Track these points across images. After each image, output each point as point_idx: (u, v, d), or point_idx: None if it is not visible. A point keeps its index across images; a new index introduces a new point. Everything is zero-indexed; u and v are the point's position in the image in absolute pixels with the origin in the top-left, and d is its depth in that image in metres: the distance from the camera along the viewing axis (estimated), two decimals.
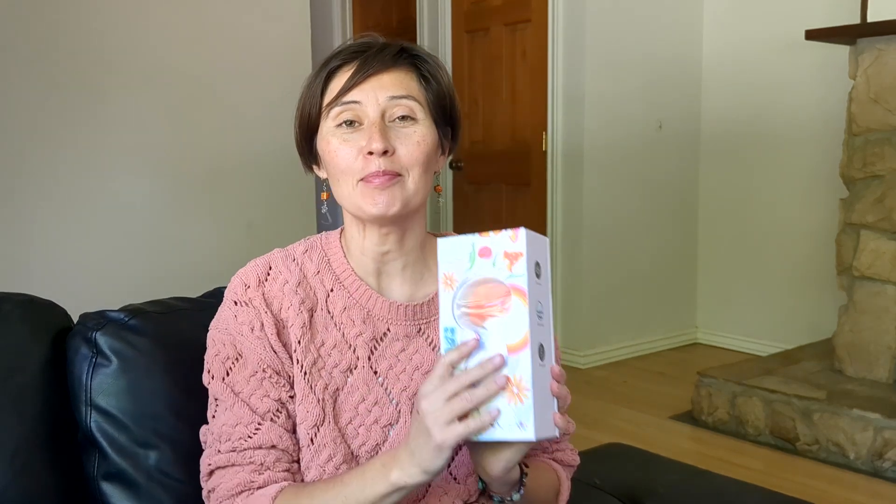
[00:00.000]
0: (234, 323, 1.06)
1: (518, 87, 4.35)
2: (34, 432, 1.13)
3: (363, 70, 1.02)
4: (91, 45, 3.27)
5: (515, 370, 0.85)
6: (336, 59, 1.05)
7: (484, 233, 0.89)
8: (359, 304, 1.08)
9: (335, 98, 1.03)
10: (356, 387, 1.06)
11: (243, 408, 1.04)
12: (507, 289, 0.87)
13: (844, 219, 3.26)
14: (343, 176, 1.04)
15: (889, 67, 3.08)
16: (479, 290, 0.88)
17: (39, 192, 3.19)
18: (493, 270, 0.87)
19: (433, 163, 1.06)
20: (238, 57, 3.61)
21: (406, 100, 1.03)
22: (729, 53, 4.28)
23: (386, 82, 1.03)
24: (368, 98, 1.02)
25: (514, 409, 0.85)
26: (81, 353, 1.17)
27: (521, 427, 0.85)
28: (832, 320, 3.46)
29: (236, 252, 2.98)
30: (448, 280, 0.90)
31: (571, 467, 1.19)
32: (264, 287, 1.07)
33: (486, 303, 0.88)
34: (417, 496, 1.06)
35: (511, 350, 0.86)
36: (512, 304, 0.86)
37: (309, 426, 1.04)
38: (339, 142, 1.03)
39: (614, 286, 4.24)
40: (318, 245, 1.12)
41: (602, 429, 3.19)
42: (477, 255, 0.89)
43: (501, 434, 0.85)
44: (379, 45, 1.05)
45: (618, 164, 4.17)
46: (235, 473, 1.03)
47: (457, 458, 1.08)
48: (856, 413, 2.90)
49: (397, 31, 5.14)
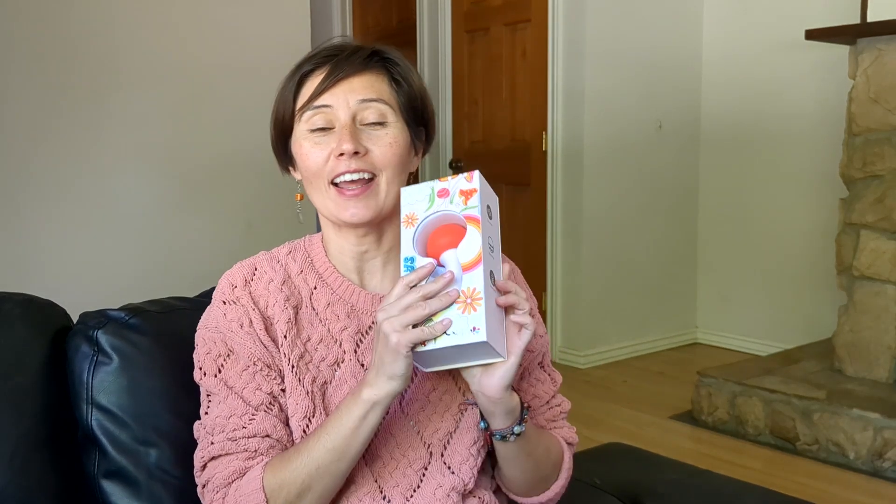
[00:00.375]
0: (224, 321, 1.08)
1: (518, 87, 4.35)
2: (34, 431, 1.13)
3: (334, 74, 1.04)
4: (90, 45, 3.27)
5: (470, 284, 0.93)
6: (308, 63, 1.07)
7: (442, 178, 0.98)
8: (342, 300, 1.10)
9: (307, 102, 1.05)
10: (344, 380, 1.08)
11: (237, 400, 1.05)
12: (461, 220, 0.96)
13: (844, 218, 3.26)
14: (315, 178, 1.06)
15: (889, 67, 3.08)
16: (438, 226, 0.96)
17: (39, 191, 3.20)
18: (449, 207, 0.97)
19: (406, 164, 1.09)
20: (238, 57, 3.62)
21: (377, 103, 1.05)
22: (729, 53, 4.28)
23: (356, 86, 1.04)
24: (339, 102, 1.04)
25: (467, 318, 0.92)
26: (82, 352, 1.18)
27: (475, 332, 0.91)
28: (832, 320, 3.46)
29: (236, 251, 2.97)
30: (409, 219, 0.97)
31: (571, 445, 1.21)
32: (250, 286, 1.10)
33: (443, 237, 0.96)
34: (412, 485, 1.07)
35: (465, 268, 0.94)
36: (467, 231, 0.95)
37: (300, 418, 1.06)
38: (310, 145, 1.06)
39: (614, 285, 4.24)
40: (301, 247, 1.15)
41: (602, 428, 3.19)
42: (436, 196, 0.97)
43: (456, 340, 0.91)
44: (350, 49, 1.07)
45: (618, 164, 4.17)
46: (229, 462, 1.04)
47: (449, 447, 1.08)
48: (856, 413, 2.90)
49: (397, 31, 5.14)
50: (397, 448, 1.08)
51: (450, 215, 0.97)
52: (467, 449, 1.09)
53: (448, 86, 4.67)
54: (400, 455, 1.07)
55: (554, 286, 4.25)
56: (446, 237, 0.96)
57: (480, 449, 1.10)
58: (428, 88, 1.14)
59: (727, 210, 4.39)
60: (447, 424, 1.09)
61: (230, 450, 1.04)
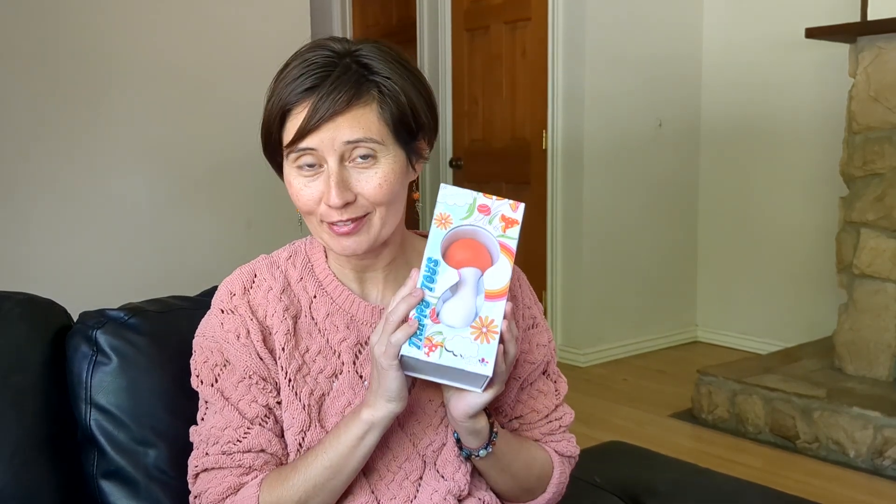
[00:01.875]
0: (221, 331, 1.07)
1: (518, 86, 4.35)
2: (34, 431, 1.13)
3: (315, 116, 0.97)
4: (90, 44, 3.27)
5: (489, 313, 0.94)
6: (291, 94, 0.99)
7: (487, 194, 0.97)
8: (342, 310, 1.09)
9: (291, 143, 0.99)
10: (342, 391, 1.07)
11: (232, 412, 1.05)
12: (496, 244, 0.96)
13: (844, 217, 3.26)
14: (307, 215, 1.04)
15: (889, 66, 3.08)
16: (465, 238, 0.96)
17: (39, 190, 3.20)
18: (488, 226, 0.96)
19: (402, 191, 1.04)
20: (238, 55, 3.61)
21: (364, 143, 0.98)
22: (729, 51, 4.28)
23: (342, 125, 0.97)
24: (324, 145, 0.98)
25: (478, 346, 0.92)
26: (81, 352, 1.18)
27: (483, 364, 0.92)
28: (832, 318, 3.45)
29: (236, 250, 2.98)
30: (443, 219, 0.96)
31: (570, 458, 1.19)
32: (249, 295, 1.08)
33: (465, 251, 0.96)
34: (409, 496, 1.07)
35: (489, 296, 0.94)
36: (499, 260, 0.96)
37: (295, 432, 1.05)
38: (300, 185, 1.01)
39: (614, 284, 4.24)
40: (302, 251, 1.13)
41: (602, 427, 3.19)
42: (476, 209, 0.97)
43: (462, 364, 0.92)
44: (332, 78, 0.98)
45: (618, 163, 4.17)
46: (224, 478, 1.04)
47: (440, 457, 1.09)
48: (856, 411, 2.90)
49: (397, 29, 5.14)
50: (394, 461, 1.08)
51: (483, 234, 0.96)
52: (457, 458, 1.08)
53: (448, 84, 4.67)
54: (396, 468, 1.07)
55: (554, 284, 4.25)
56: (468, 252, 0.95)
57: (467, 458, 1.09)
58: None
59: (727, 208, 4.39)
60: (440, 437, 1.09)
61: (224, 464, 1.04)
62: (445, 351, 0.92)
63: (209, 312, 1.10)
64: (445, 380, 0.97)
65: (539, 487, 1.15)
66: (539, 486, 1.15)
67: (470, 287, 0.94)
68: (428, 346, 0.92)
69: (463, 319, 0.93)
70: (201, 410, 1.09)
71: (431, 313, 0.93)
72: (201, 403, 1.09)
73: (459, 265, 0.95)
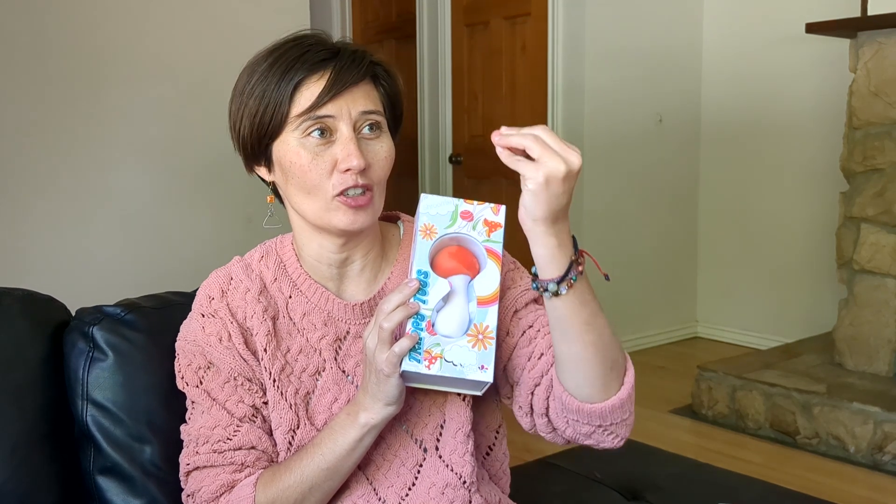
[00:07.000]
0: (202, 334, 1.07)
1: (518, 81, 4.34)
2: (34, 427, 1.13)
3: (338, 84, 0.99)
4: (89, 40, 3.26)
5: (483, 319, 0.95)
6: (302, 67, 1.00)
7: (468, 200, 0.98)
8: (318, 308, 1.09)
9: (308, 111, 0.99)
10: (327, 388, 1.08)
11: (220, 411, 1.06)
12: (482, 250, 0.96)
13: (844, 212, 3.25)
14: (315, 190, 1.01)
15: (889, 61, 3.08)
16: (451, 246, 0.97)
17: (38, 186, 3.19)
18: (472, 232, 0.97)
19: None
20: (236, 52, 3.56)
21: (375, 115, 1.02)
22: (729, 46, 4.27)
23: (358, 96, 1.01)
24: (342, 112, 1.00)
25: (476, 354, 0.94)
26: (78, 348, 1.18)
27: (483, 370, 0.93)
28: (832, 314, 3.45)
29: (235, 246, 2.96)
30: (427, 230, 0.96)
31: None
32: (227, 297, 1.09)
33: (452, 259, 0.96)
34: (406, 483, 1.07)
35: (481, 302, 0.95)
36: (487, 265, 0.96)
37: (284, 431, 1.06)
38: (311, 156, 1.00)
39: (614, 279, 4.19)
40: (273, 250, 1.13)
41: None
42: (459, 216, 0.97)
43: (462, 373, 0.93)
44: (348, 54, 1.02)
45: (618, 158, 4.16)
46: (217, 476, 1.05)
47: (441, 440, 1.08)
48: (856, 406, 2.90)
49: (396, 25, 5.13)
50: (389, 449, 1.08)
51: (469, 240, 0.96)
52: (453, 437, 1.08)
53: (448, 80, 4.66)
54: (392, 456, 1.08)
55: None
56: (455, 260, 0.96)
57: (467, 436, 1.08)
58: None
59: (727, 204, 4.39)
60: (435, 418, 1.09)
61: (216, 462, 1.05)
62: (445, 362, 0.93)
63: (189, 316, 1.11)
64: (446, 387, 0.99)
65: (621, 359, 1.01)
66: (620, 358, 1.01)
67: (461, 295, 0.95)
68: (428, 360, 0.93)
69: (458, 328, 0.95)
70: (188, 411, 1.10)
71: (427, 325, 0.94)
72: (188, 403, 1.10)
73: (448, 274, 0.95)
